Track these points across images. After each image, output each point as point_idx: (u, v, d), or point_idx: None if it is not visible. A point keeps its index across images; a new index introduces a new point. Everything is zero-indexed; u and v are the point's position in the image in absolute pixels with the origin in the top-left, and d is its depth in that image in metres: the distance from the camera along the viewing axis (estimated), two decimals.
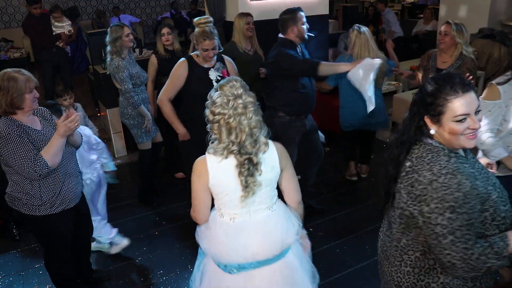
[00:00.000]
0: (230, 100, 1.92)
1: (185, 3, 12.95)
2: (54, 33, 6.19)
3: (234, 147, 1.94)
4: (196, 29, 3.36)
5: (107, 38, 4.05)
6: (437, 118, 1.64)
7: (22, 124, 2.55)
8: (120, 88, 4.15)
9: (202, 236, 2.17)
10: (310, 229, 3.94)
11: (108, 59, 4.09)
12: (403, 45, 8.68)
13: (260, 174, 1.99)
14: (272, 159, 2.05)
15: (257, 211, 2.09)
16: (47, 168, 2.49)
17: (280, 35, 3.68)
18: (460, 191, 1.56)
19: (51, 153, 2.51)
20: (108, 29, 4.10)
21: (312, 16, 5.74)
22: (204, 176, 2.02)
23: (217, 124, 1.95)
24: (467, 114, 1.60)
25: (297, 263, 2.22)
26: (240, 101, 1.92)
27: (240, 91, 1.95)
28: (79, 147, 2.91)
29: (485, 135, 2.61)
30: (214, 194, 2.09)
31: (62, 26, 6.23)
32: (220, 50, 3.50)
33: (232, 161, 1.98)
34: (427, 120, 1.68)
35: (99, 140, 3.66)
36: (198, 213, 2.14)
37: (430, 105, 1.65)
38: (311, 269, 2.33)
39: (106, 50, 4.12)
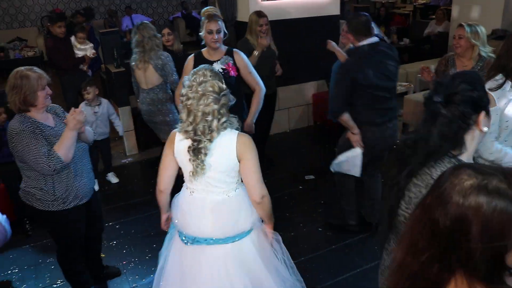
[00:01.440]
0: (194, 85, 2.10)
1: (196, 3, 13.00)
2: (76, 56, 5.68)
3: (189, 128, 2.12)
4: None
5: (154, 33, 4.16)
6: (488, 111, 1.57)
7: (36, 121, 2.60)
8: (158, 83, 4.20)
9: (173, 205, 2.40)
10: (320, 229, 3.96)
11: (151, 52, 4.18)
12: (415, 46, 8.64)
13: (204, 158, 2.12)
14: (229, 148, 2.15)
15: (213, 192, 2.23)
16: (61, 163, 2.53)
17: (376, 38, 3.34)
18: None
19: (64, 147, 2.55)
20: (151, 25, 4.24)
21: (323, 17, 5.77)
22: (171, 146, 2.25)
23: (181, 104, 2.16)
24: None
25: (255, 253, 2.31)
26: (201, 87, 2.09)
27: (206, 78, 2.10)
28: (91, 143, 2.95)
29: (493, 144, 2.52)
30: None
31: (85, 49, 5.81)
32: (226, 37, 3.51)
33: (187, 141, 2.16)
34: (482, 118, 1.56)
35: None
36: (159, 177, 2.34)
37: (482, 99, 1.57)
38: (279, 264, 2.39)
39: (152, 43, 4.16)
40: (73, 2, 11.77)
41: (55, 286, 3.39)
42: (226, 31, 3.49)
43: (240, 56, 3.56)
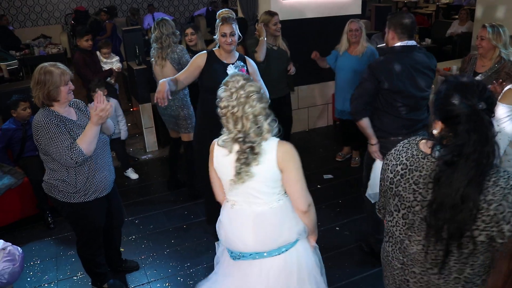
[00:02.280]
0: (233, 92, 2.03)
1: (217, 1, 13.06)
2: (103, 70, 5.60)
3: (240, 135, 2.03)
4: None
5: (173, 30, 4.25)
6: None
7: (59, 115, 2.67)
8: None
9: (218, 222, 2.31)
10: (337, 228, 3.95)
11: (168, 49, 4.25)
12: (437, 46, 8.52)
13: (256, 165, 2.04)
14: (269, 157, 2.06)
15: (255, 204, 2.14)
16: (83, 156, 2.59)
17: (414, 42, 3.01)
18: None
19: (86, 141, 2.61)
20: (171, 21, 4.31)
21: (344, 16, 5.74)
22: (212, 157, 2.19)
23: (225, 117, 2.06)
24: None
25: (298, 265, 2.22)
26: (242, 91, 2.02)
27: (242, 83, 2.04)
28: (112, 135, 3.01)
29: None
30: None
31: (111, 63, 5.86)
32: (240, 40, 3.50)
33: (235, 147, 2.07)
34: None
35: None
36: (213, 190, 2.34)
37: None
38: (319, 276, 2.32)
39: (170, 40, 4.23)
40: (96, 1, 11.95)
41: (75, 278, 3.46)
42: (240, 34, 3.49)
43: (251, 63, 3.58)
